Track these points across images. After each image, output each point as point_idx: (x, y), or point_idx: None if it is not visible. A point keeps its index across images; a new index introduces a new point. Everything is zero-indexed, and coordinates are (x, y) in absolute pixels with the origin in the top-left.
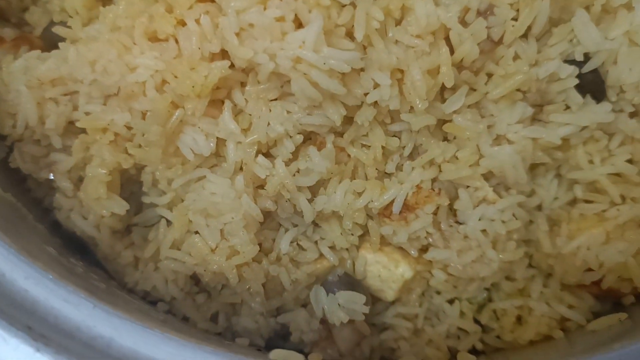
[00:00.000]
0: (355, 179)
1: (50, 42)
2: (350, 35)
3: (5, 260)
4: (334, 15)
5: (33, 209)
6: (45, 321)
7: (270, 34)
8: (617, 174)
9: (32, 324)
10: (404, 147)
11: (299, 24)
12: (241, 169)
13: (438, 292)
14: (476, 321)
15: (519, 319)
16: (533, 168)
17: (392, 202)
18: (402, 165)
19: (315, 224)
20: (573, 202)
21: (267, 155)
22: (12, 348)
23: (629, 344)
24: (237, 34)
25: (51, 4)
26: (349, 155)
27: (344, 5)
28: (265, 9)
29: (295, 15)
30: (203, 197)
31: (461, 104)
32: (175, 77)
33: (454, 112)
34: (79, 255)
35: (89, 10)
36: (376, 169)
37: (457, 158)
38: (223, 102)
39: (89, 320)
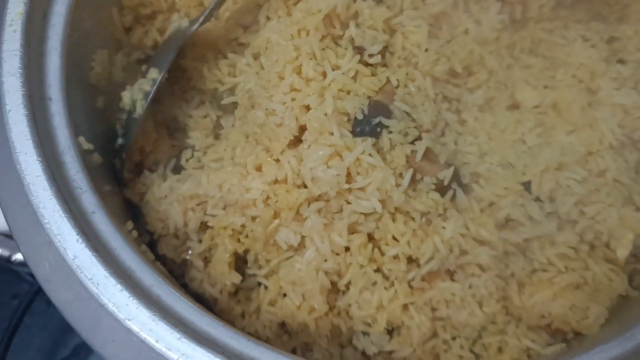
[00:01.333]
0: None
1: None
2: None
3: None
4: None
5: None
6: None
7: (329, 185)
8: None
9: None
10: None
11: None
12: None
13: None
14: (471, 351)
15: (500, 349)
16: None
17: None
18: None
19: None
20: (534, 270)
21: None
22: None
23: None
24: (312, 179)
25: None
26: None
27: None
28: (328, 167)
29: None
30: (292, 272)
31: None
32: (275, 195)
33: None
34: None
35: (206, 148)
36: None
37: None
38: None
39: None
